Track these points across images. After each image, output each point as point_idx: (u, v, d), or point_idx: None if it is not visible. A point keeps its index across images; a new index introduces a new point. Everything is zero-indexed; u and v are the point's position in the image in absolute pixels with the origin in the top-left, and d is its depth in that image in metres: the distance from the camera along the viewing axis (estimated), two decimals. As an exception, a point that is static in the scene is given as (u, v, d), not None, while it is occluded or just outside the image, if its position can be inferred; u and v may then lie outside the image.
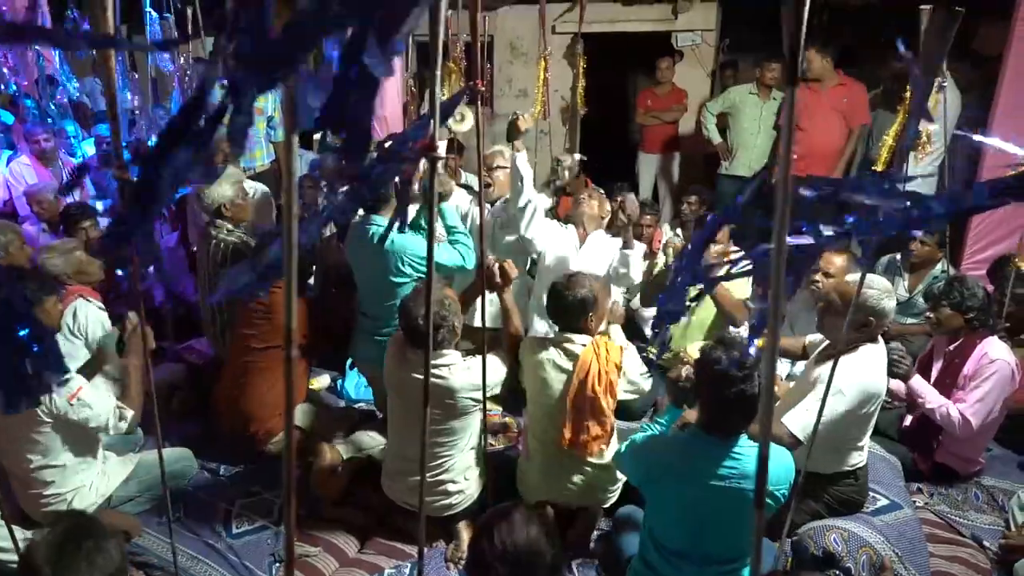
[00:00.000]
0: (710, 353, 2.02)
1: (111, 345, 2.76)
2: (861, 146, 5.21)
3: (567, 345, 2.59)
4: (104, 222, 3.97)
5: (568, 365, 2.56)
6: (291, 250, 0.72)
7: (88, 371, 2.65)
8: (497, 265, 2.70)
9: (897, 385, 2.99)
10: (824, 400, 2.11)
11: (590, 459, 2.60)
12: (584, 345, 2.56)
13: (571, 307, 2.56)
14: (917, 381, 2.93)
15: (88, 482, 2.62)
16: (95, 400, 2.50)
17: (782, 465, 2.05)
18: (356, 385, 3.75)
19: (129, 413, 2.63)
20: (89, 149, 5.44)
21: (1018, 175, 0.92)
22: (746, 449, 2.00)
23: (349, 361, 3.64)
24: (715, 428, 2.03)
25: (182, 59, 5.15)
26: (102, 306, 3.18)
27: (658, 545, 2.13)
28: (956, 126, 4.53)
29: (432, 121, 1.19)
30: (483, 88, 1.80)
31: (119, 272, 3.25)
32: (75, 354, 2.94)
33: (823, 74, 4.89)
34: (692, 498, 2.01)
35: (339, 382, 3.80)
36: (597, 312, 2.61)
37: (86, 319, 3.09)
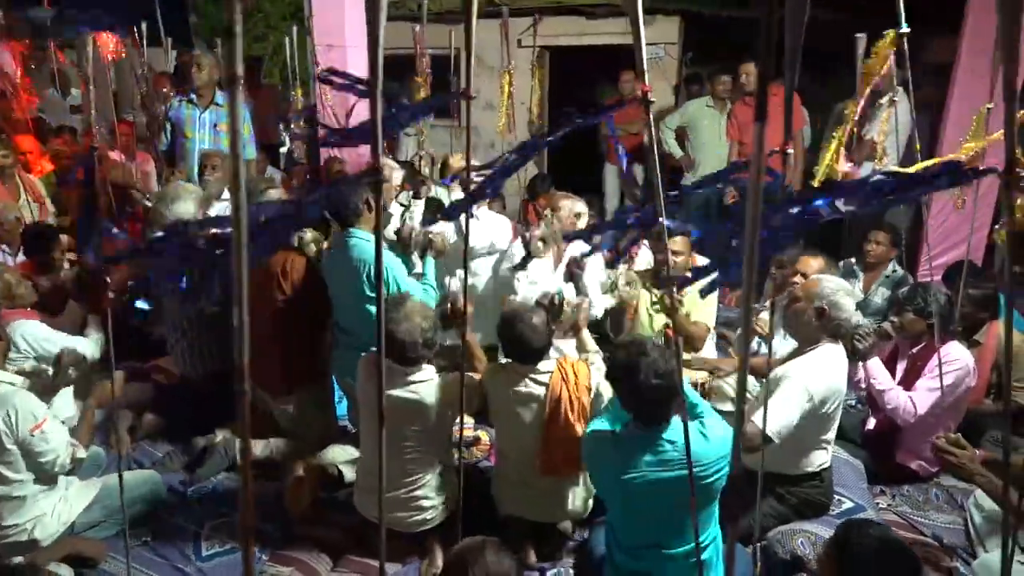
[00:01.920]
0: (613, 358, 2.08)
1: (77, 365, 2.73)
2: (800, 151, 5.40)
3: (533, 376, 2.57)
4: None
5: (538, 393, 2.55)
6: (241, 267, 0.71)
7: (44, 391, 2.61)
8: (450, 306, 2.71)
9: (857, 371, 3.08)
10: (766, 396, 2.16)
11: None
12: (550, 372, 2.56)
13: (527, 342, 2.53)
14: (874, 362, 3.02)
15: (49, 509, 2.55)
16: (53, 435, 2.49)
17: (717, 439, 2.08)
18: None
19: (81, 453, 2.63)
20: (47, 165, 5.33)
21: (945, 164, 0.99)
22: (677, 433, 2.04)
23: None
24: (644, 421, 2.09)
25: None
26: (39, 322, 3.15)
27: (618, 539, 2.18)
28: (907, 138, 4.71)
29: (373, 138, 1.18)
30: (474, 96, 1.82)
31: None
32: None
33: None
34: (637, 489, 2.05)
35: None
36: (550, 342, 2.61)
37: (34, 339, 3.07)
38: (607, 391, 2.67)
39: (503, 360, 2.73)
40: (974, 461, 2.20)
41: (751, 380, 3.32)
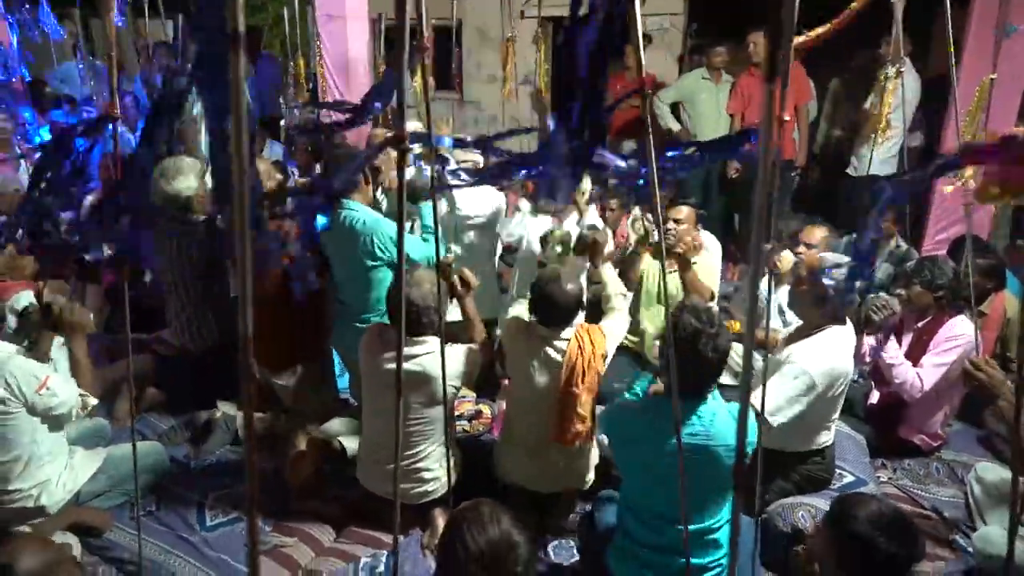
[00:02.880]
0: (678, 315, 2.05)
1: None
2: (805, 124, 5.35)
3: (556, 342, 2.59)
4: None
5: (557, 360, 2.57)
6: (245, 242, 0.71)
7: (34, 352, 2.59)
8: (456, 276, 2.69)
9: (867, 342, 3.08)
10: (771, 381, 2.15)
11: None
12: (569, 340, 2.57)
13: (562, 307, 2.55)
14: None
15: (54, 476, 2.57)
16: (60, 388, 2.51)
17: (735, 420, 2.08)
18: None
19: (92, 400, 2.64)
20: (47, 136, 5.27)
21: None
22: (711, 408, 2.04)
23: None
24: (688, 388, 2.05)
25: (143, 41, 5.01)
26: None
27: (635, 511, 2.16)
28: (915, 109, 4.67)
29: (401, 109, 1.17)
30: (427, 47, 1.77)
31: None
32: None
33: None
34: (663, 460, 2.03)
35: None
36: (583, 306, 2.62)
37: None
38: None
39: (528, 318, 2.71)
40: (1004, 384, 2.16)
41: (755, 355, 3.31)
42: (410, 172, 3.61)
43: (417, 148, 3.56)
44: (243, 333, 0.74)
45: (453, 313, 3.10)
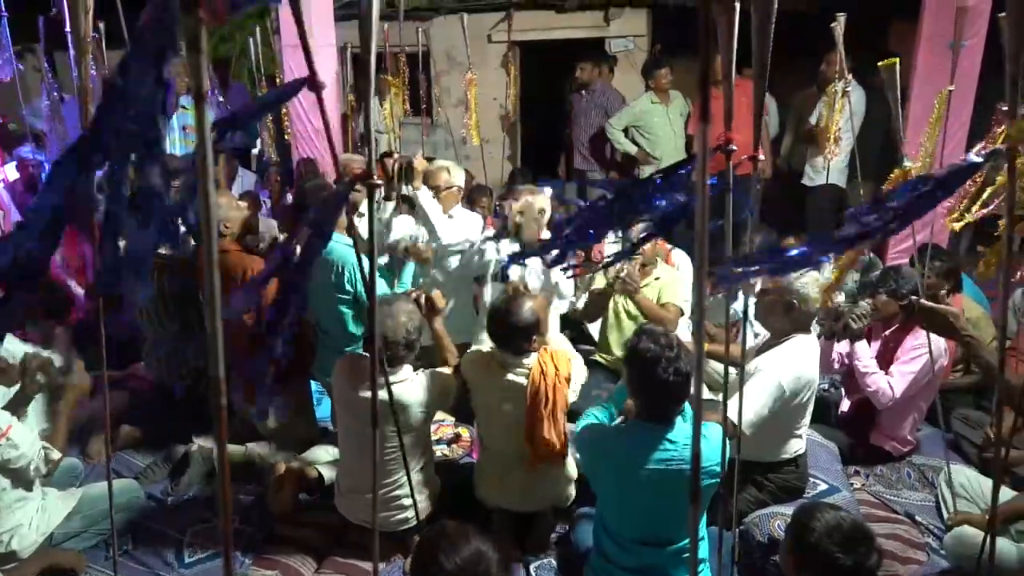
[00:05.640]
0: (637, 342, 2.06)
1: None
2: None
3: (517, 368, 2.60)
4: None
5: (520, 383, 2.58)
6: (212, 267, 0.73)
7: (15, 403, 2.55)
8: (424, 297, 2.71)
9: (843, 347, 3.14)
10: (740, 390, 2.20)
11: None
12: (529, 368, 2.58)
13: (516, 332, 2.56)
14: (861, 344, 3.08)
15: (27, 520, 2.53)
16: (22, 440, 2.43)
17: (714, 440, 2.10)
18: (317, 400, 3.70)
19: (56, 455, 2.56)
20: (10, 172, 5.22)
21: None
22: (684, 432, 2.07)
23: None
24: (651, 415, 2.10)
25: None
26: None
27: (611, 533, 2.19)
28: (865, 120, 4.88)
29: (367, 146, 1.21)
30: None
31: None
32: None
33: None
34: (636, 484, 2.06)
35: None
36: (540, 331, 2.63)
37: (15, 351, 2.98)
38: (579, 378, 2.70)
39: (484, 348, 2.71)
40: (958, 316, 2.08)
41: (717, 366, 3.36)
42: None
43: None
44: (213, 374, 0.76)
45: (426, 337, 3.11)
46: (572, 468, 2.76)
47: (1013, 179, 1.38)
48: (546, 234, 3.58)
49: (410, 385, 2.54)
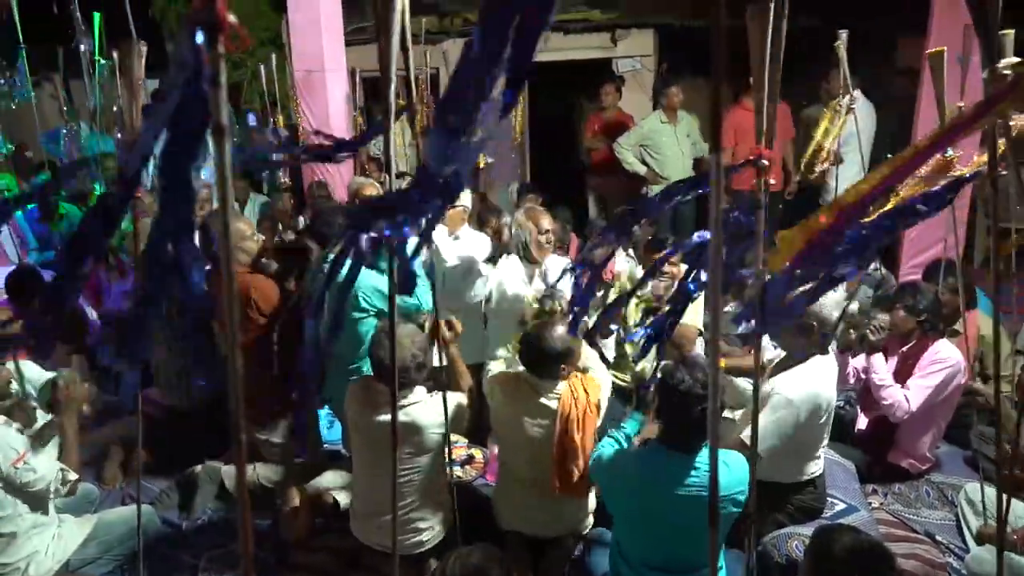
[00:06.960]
0: (673, 373, 2.06)
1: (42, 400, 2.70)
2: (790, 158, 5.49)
3: (548, 392, 2.58)
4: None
5: (547, 414, 2.56)
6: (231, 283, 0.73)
7: (42, 438, 2.56)
8: (444, 321, 2.71)
9: (858, 361, 3.12)
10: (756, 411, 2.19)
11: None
12: (559, 393, 2.56)
13: (548, 358, 2.54)
14: (878, 357, 3.07)
15: (43, 547, 2.53)
16: (39, 463, 2.45)
17: (738, 469, 2.10)
18: (325, 424, 3.70)
19: (72, 476, 2.58)
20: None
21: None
22: (706, 460, 2.06)
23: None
24: (677, 444, 2.09)
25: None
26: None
27: (627, 558, 2.17)
28: (876, 134, 4.85)
29: (387, 172, 1.21)
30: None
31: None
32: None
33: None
34: (657, 510, 2.05)
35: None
36: (572, 359, 2.61)
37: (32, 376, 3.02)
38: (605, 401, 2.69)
39: (515, 370, 2.69)
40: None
41: (743, 383, 3.33)
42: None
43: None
44: (233, 396, 0.76)
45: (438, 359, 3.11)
46: (592, 495, 2.75)
47: (996, 202, 1.39)
48: (552, 256, 3.60)
49: (424, 407, 2.54)
